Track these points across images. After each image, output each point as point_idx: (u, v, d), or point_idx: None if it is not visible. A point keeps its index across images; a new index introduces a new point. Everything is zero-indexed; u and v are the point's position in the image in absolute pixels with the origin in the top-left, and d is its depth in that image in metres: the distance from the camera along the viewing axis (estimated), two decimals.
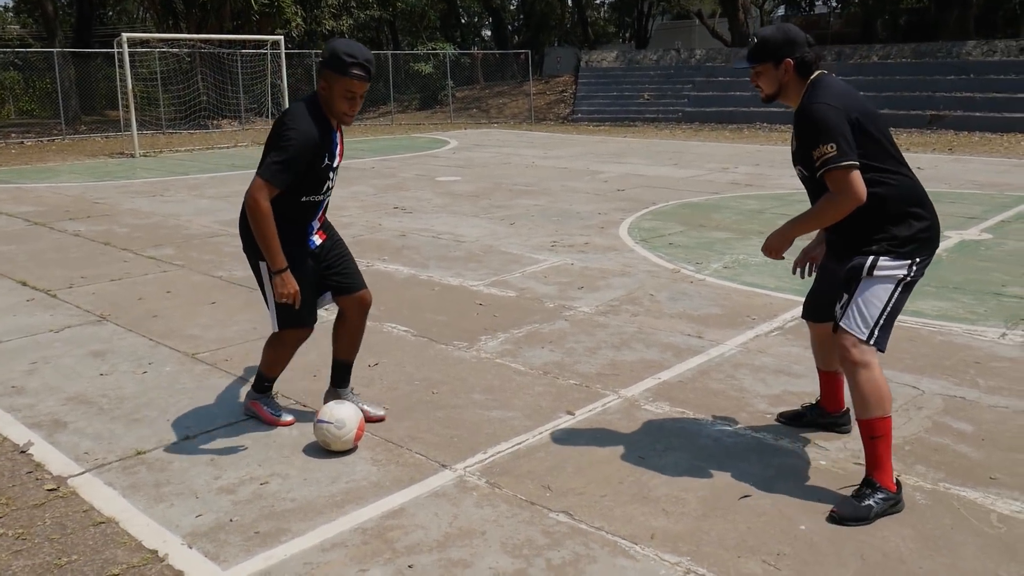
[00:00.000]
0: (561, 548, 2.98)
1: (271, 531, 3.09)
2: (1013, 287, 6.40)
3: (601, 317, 5.76)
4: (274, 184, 3.45)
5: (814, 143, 3.13)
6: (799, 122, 3.26)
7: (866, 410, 3.19)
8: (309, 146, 3.49)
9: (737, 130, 23.18)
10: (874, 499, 3.13)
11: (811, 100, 3.20)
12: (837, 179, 3.11)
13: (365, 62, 3.49)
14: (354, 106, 3.56)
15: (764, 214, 9.83)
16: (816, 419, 3.92)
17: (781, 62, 3.29)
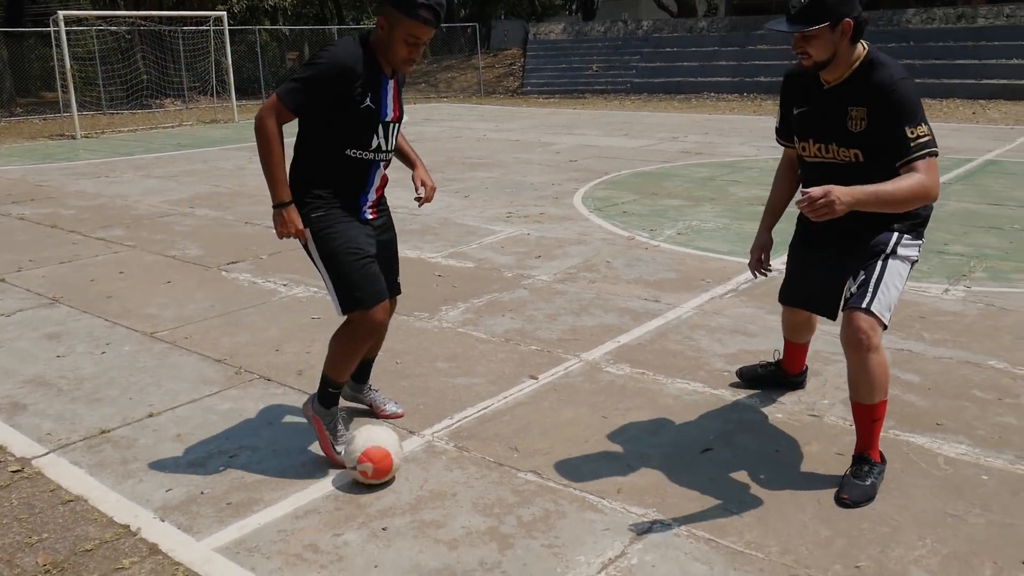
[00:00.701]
0: (531, 505, 3.05)
1: (243, 501, 3.11)
2: (955, 245, 6.62)
3: (559, 285, 5.83)
4: (285, 103, 3.04)
5: (910, 122, 2.86)
6: (878, 98, 2.93)
7: (872, 394, 3.06)
8: (339, 72, 3.01)
9: (685, 100, 23.38)
10: (873, 475, 3.11)
11: (897, 76, 2.92)
12: (932, 167, 2.87)
13: (437, 5, 3.03)
14: (415, 53, 3.10)
15: (715, 181, 9.98)
16: (775, 377, 3.99)
17: (840, 22, 2.91)
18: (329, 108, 3.08)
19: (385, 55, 3.12)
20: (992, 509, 2.97)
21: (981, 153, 11.76)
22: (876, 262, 3.06)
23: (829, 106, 3.08)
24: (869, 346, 2.98)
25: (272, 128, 3.06)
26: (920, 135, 2.87)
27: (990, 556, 2.70)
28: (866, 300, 3.00)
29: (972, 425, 3.60)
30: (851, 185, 2.81)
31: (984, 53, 21.36)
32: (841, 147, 3.07)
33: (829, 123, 3.09)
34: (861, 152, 3.02)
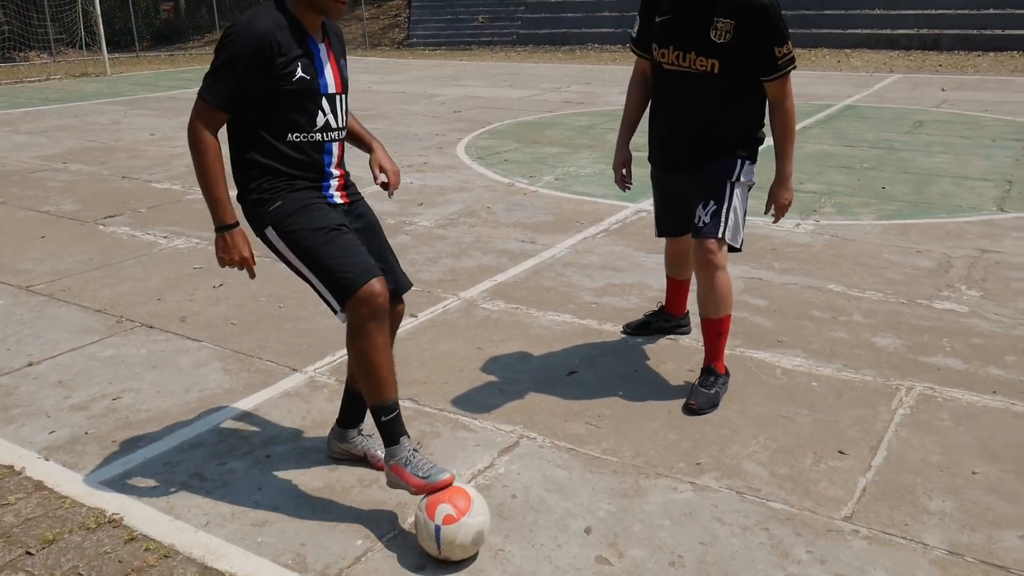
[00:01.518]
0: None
1: (128, 439, 3.22)
2: (809, 184, 7.12)
3: (440, 230, 6.02)
4: (209, 100, 2.56)
5: (781, 40, 3.15)
6: (747, 14, 3.10)
7: (718, 309, 3.37)
8: (255, 43, 2.51)
9: (570, 51, 23.65)
10: (718, 385, 3.43)
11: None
12: (788, 82, 3.25)
13: None
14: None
15: (594, 129, 10.30)
16: (661, 324, 4.11)
17: None
18: (261, 89, 2.57)
19: (311, 4, 2.61)
20: (818, 410, 3.36)
21: (841, 99, 12.48)
22: (724, 191, 3.32)
23: (694, 15, 3.19)
24: (716, 265, 3.32)
25: (206, 138, 2.57)
26: (788, 52, 3.19)
27: (812, 448, 3.08)
28: (720, 229, 3.29)
29: (808, 340, 4.01)
30: (698, 97, 3.27)
31: (850, 3, 22.35)
32: (700, 56, 3.20)
33: (692, 31, 3.20)
34: (718, 63, 3.18)
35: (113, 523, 2.69)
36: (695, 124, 3.35)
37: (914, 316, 4.27)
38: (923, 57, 18.69)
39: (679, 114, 3.39)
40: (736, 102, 3.30)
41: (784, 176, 3.41)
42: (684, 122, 3.38)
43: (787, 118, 3.33)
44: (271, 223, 2.65)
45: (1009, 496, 2.77)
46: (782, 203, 3.45)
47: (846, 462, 2.98)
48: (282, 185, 2.66)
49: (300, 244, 2.62)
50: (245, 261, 2.68)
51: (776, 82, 3.25)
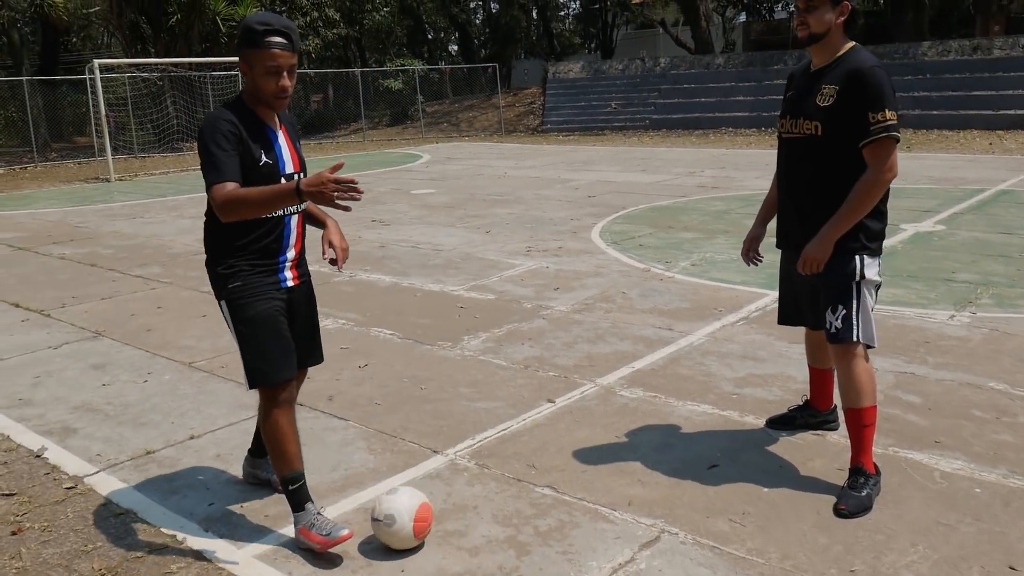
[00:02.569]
0: (547, 517, 3.27)
1: (280, 514, 3.35)
2: (963, 274, 6.79)
3: (577, 315, 6.07)
4: (219, 179, 2.86)
5: (878, 106, 3.12)
6: (852, 79, 3.16)
7: (859, 399, 3.28)
8: (230, 128, 2.92)
9: (703, 135, 23.69)
10: (868, 486, 3.27)
11: (872, 63, 3.17)
12: (889, 148, 3.14)
13: (283, 28, 2.95)
14: (283, 82, 2.96)
15: (730, 214, 10.21)
16: (807, 420, 3.94)
17: (840, 3, 3.21)
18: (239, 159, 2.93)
19: (258, 98, 3.00)
20: (983, 519, 3.14)
21: (995, 183, 11.92)
22: (851, 293, 3.28)
23: (809, 86, 3.34)
24: (854, 355, 3.28)
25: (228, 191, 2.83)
26: (886, 119, 3.11)
27: (978, 561, 2.88)
28: (854, 333, 3.27)
29: (969, 442, 3.78)
30: (804, 164, 3.32)
31: (1000, 84, 21.52)
32: (805, 119, 3.30)
33: (803, 100, 3.34)
34: (820, 125, 3.24)
35: None
36: (801, 188, 3.38)
37: None
38: None
39: (789, 180, 3.46)
40: (841, 171, 3.25)
41: (823, 235, 3.26)
42: (793, 187, 3.44)
43: (866, 185, 3.18)
44: (226, 298, 3.11)
45: None
46: (807, 256, 3.30)
47: None
48: (244, 266, 3.07)
49: (239, 327, 3.09)
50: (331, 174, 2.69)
51: (869, 148, 3.17)
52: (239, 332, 3.10)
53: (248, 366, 3.09)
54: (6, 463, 3.93)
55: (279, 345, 3.10)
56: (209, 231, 3.16)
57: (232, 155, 2.92)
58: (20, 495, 3.60)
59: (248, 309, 3.07)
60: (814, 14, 3.22)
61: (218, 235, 3.09)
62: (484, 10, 43.41)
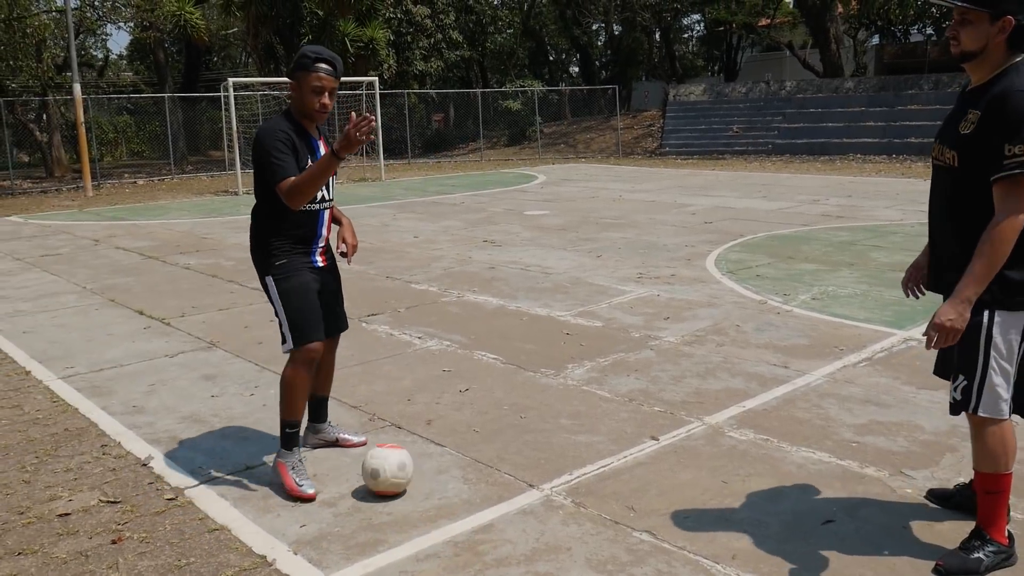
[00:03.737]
0: (644, 565, 3.09)
1: (369, 541, 3.29)
2: None
3: (687, 347, 5.84)
4: (283, 175, 3.55)
5: (1013, 136, 2.69)
6: (995, 104, 2.76)
7: (983, 463, 2.98)
8: (286, 137, 3.61)
9: (829, 162, 22.84)
10: (984, 551, 2.96)
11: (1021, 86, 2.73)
12: (1016, 191, 2.72)
13: (330, 58, 3.66)
14: (323, 100, 3.64)
15: (855, 246, 9.71)
16: (965, 501, 3.41)
17: (1001, 17, 2.75)
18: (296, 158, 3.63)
19: (303, 112, 3.69)
20: None
21: None
22: (976, 360, 2.89)
23: (960, 108, 2.95)
24: (984, 419, 2.95)
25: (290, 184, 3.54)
26: (1020, 153, 2.67)
27: None
28: (972, 405, 2.93)
29: None
30: (941, 196, 2.98)
31: None
32: (946, 148, 2.94)
33: (950, 124, 2.97)
34: (957, 156, 2.88)
35: None
36: (938, 224, 3.06)
37: None
38: None
39: (932, 212, 3.12)
40: (979, 212, 2.83)
41: (957, 296, 2.80)
42: (933, 221, 3.11)
43: (994, 232, 2.74)
44: (272, 274, 3.74)
45: None
46: (937, 321, 2.81)
47: None
48: (287, 248, 3.74)
49: (284, 297, 3.72)
50: (361, 119, 3.33)
51: (999, 184, 2.75)
52: (284, 301, 3.72)
53: (290, 328, 3.72)
54: (114, 470, 4.03)
55: (315, 313, 3.77)
56: (258, 223, 3.81)
57: (288, 157, 3.60)
58: (124, 503, 3.67)
59: (291, 280, 3.72)
60: (967, 29, 2.80)
61: (266, 225, 3.76)
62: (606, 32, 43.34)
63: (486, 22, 37.72)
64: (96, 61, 41.35)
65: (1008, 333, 2.86)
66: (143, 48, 38.15)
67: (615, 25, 40.73)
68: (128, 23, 31.58)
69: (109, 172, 24.89)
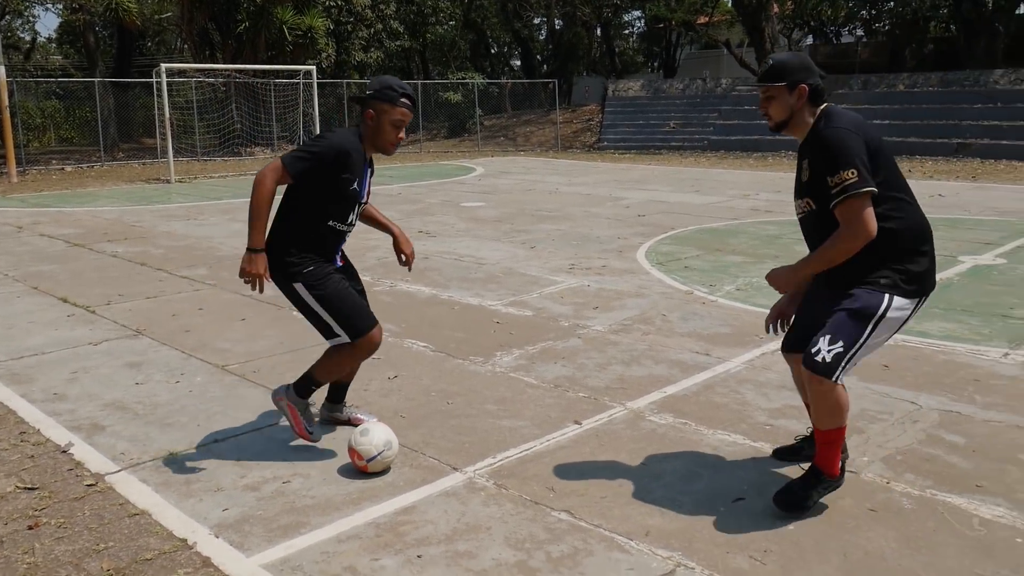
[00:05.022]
0: (561, 543, 3.18)
1: (292, 524, 3.32)
2: (1021, 310, 6.51)
3: (613, 335, 5.96)
4: (289, 168, 3.56)
5: (832, 169, 3.09)
6: (814, 149, 3.21)
7: (832, 420, 3.27)
8: (338, 154, 3.61)
9: (762, 158, 23.35)
10: (816, 487, 3.35)
11: (827, 126, 3.17)
12: (854, 208, 3.07)
13: (412, 94, 3.75)
14: (400, 135, 3.75)
15: (781, 239, 10.00)
16: (812, 452, 3.63)
17: (796, 87, 3.24)
18: (323, 185, 3.65)
19: (374, 143, 3.75)
20: (1022, 573, 2.97)
21: None
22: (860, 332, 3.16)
23: (798, 163, 3.39)
24: (833, 384, 3.20)
25: (270, 186, 3.54)
26: (845, 179, 3.05)
27: None
28: (835, 374, 3.17)
29: (1013, 488, 3.59)
30: (818, 236, 3.28)
31: None
32: (803, 198, 3.33)
33: (797, 180, 3.41)
34: (812, 200, 3.27)
35: None
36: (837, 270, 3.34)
37: None
38: None
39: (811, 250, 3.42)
40: None
41: (796, 266, 3.34)
42: None
43: (836, 240, 3.16)
44: (302, 281, 3.73)
45: None
46: (774, 277, 3.42)
47: None
48: (312, 256, 3.75)
49: (326, 299, 3.73)
50: (261, 277, 3.62)
51: (837, 211, 3.14)
52: (327, 304, 3.74)
53: (345, 327, 3.76)
54: (33, 456, 3.98)
55: (360, 304, 3.85)
56: (290, 229, 3.76)
57: (318, 170, 3.60)
58: (42, 490, 3.63)
59: (327, 284, 3.75)
60: (772, 104, 3.30)
61: (298, 234, 3.75)
62: (548, 26, 43.50)
63: (427, 13, 37.52)
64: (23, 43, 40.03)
65: (895, 317, 3.19)
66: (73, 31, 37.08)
67: (556, 20, 40.92)
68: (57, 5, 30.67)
69: (36, 158, 24.14)
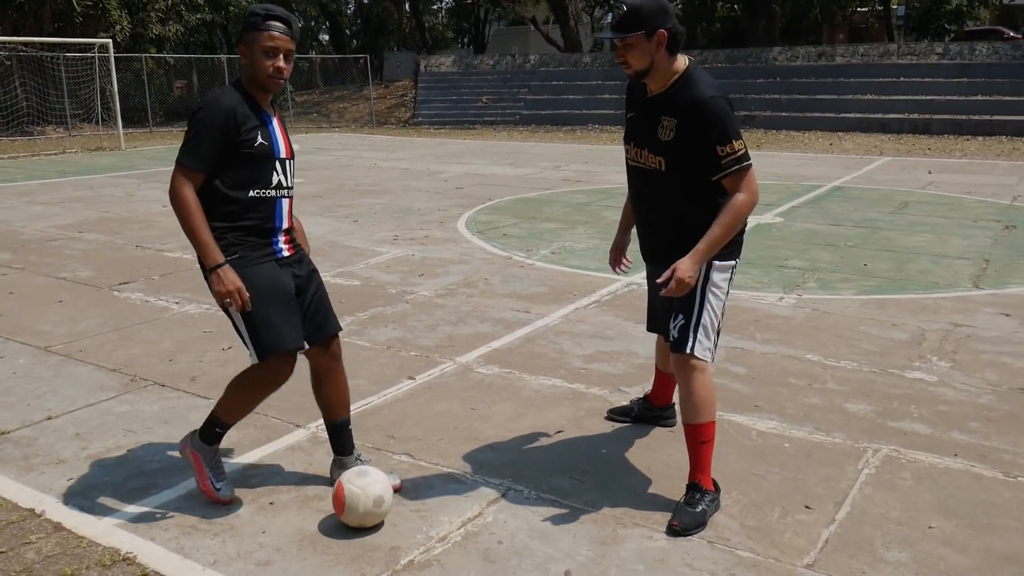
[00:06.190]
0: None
1: (141, 486, 3.44)
2: (794, 260, 7.43)
3: (440, 299, 6.30)
4: (187, 164, 3.03)
5: (723, 139, 3.01)
6: (688, 113, 3.06)
7: (697, 415, 3.21)
8: (223, 114, 3.05)
9: (571, 131, 24.36)
10: (704, 503, 3.20)
11: (710, 94, 3.04)
12: (749, 179, 3.07)
13: (283, 15, 3.16)
14: (279, 64, 3.13)
15: (590, 206, 10.68)
16: (644, 413, 4.04)
17: (655, 32, 3.04)
18: (228, 153, 3.08)
19: (255, 80, 3.16)
20: (788, 468, 3.58)
21: (831, 180, 12.92)
22: (693, 303, 3.19)
23: (649, 113, 3.21)
24: (692, 367, 3.20)
25: (187, 194, 3.02)
26: (735, 150, 3.03)
27: (780, 503, 3.30)
28: (688, 346, 3.19)
29: (783, 406, 4.25)
30: (656, 194, 3.24)
31: (842, 89, 23.13)
32: (650, 153, 3.20)
33: (646, 129, 3.22)
34: (664, 161, 3.16)
35: (127, 560, 2.90)
36: (653, 218, 3.35)
37: (885, 384, 4.51)
38: (913, 141, 19.28)
39: (641, 207, 3.40)
40: (694, 200, 3.21)
41: (696, 253, 3.12)
42: (645, 215, 3.40)
43: (730, 208, 3.10)
44: None
45: (961, 549, 2.97)
46: (679, 276, 3.09)
47: (811, 516, 3.20)
48: (239, 240, 3.13)
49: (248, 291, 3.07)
50: (240, 291, 3.01)
51: (727, 180, 3.11)
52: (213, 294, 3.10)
53: (253, 341, 3.12)
54: None
55: (283, 315, 3.14)
56: (213, 211, 3.10)
57: (214, 145, 3.05)
58: None
59: (251, 280, 3.08)
60: (631, 52, 3.10)
61: (222, 215, 3.12)
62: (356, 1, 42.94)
63: None
64: None
65: (721, 278, 3.26)
66: None
67: None
68: None
69: None
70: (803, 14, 33.34)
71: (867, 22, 37.36)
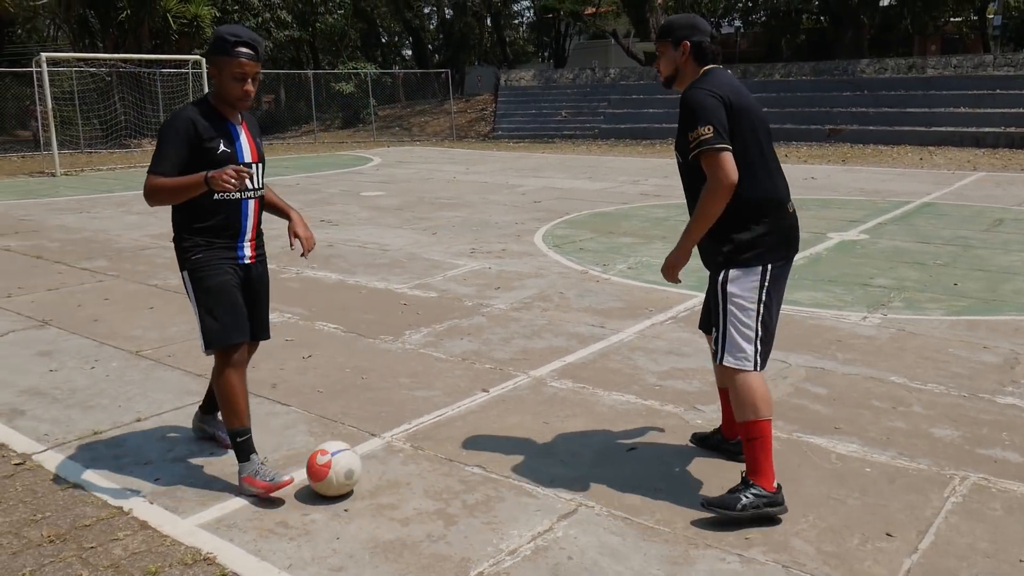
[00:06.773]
0: (475, 492, 3.52)
1: (223, 488, 3.55)
2: (879, 279, 7.22)
3: (515, 313, 6.33)
4: (155, 170, 3.33)
5: (691, 126, 3.21)
6: (681, 107, 3.31)
7: (742, 413, 3.29)
8: (183, 127, 3.35)
9: (650, 145, 24.21)
10: (748, 495, 3.21)
11: (693, 86, 3.29)
12: (711, 163, 3.16)
13: (251, 40, 3.39)
14: (246, 87, 3.41)
15: (669, 221, 10.59)
16: (719, 445, 3.90)
17: (680, 43, 3.37)
18: (194, 159, 3.35)
19: (224, 99, 3.44)
20: (869, 493, 3.48)
21: (920, 196, 12.51)
22: (720, 312, 3.34)
23: None
24: (735, 370, 3.32)
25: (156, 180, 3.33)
26: (700, 135, 3.17)
27: (860, 529, 3.20)
28: (720, 357, 3.36)
29: (865, 428, 4.13)
30: (685, 185, 3.50)
31: (933, 102, 22.41)
32: (677, 151, 3.49)
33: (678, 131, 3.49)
34: (680, 154, 3.43)
35: (207, 561, 2.99)
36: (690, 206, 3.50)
37: (975, 409, 4.34)
38: (1009, 156, 18.55)
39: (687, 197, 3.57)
40: None
41: (679, 244, 3.42)
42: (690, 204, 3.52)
43: (705, 194, 3.24)
44: (188, 268, 3.52)
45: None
46: (666, 263, 3.51)
47: (892, 544, 3.10)
48: (203, 242, 3.49)
49: (199, 295, 3.49)
50: (236, 170, 3.24)
51: (701, 165, 3.24)
52: (198, 299, 3.50)
53: (204, 330, 3.50)
54: None
55: (233, 312, 3.51)
56: (176, 210, 3.52)
57: (179, 152, 3.36)
58: None
59: (208, 279, 3.47)
60: (661, 59, 3.46)
61: (180, 216, 3.51)
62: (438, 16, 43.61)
63: (316, 2, 37.07)
64: None
65: (742, 287, 3.30)
66: None
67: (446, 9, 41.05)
68: None
69: None
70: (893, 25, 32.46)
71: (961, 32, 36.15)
